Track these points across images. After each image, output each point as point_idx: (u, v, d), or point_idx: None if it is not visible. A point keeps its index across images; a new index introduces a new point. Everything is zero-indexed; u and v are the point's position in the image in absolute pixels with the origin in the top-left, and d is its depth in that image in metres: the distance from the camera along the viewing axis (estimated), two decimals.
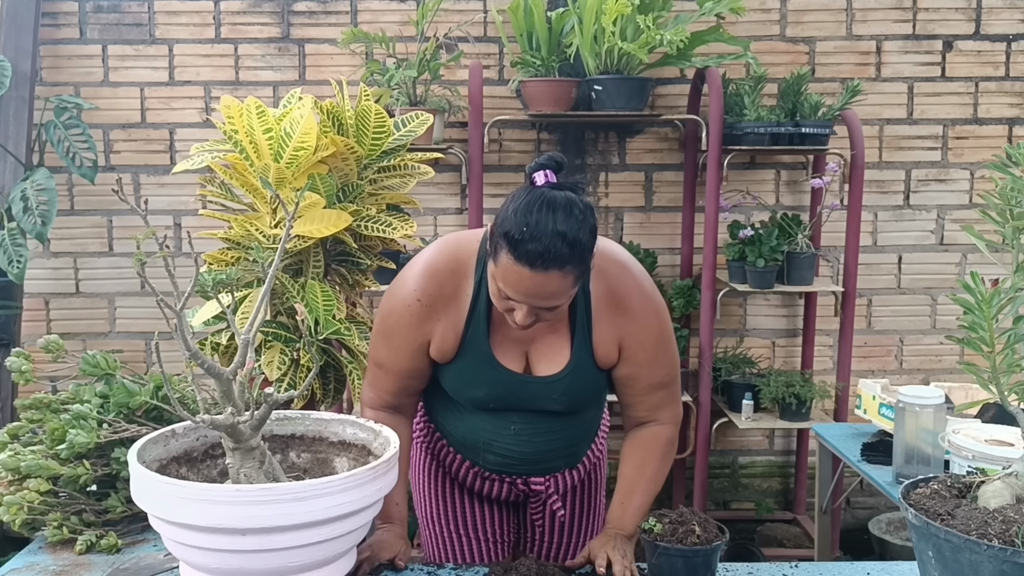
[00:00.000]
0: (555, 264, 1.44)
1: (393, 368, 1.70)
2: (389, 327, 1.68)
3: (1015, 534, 1.10)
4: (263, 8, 3.45)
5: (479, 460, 1.79)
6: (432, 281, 1.63)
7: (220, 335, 2.00)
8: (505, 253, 1.46)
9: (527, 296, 1.48)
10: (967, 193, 3.58)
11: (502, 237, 1.46)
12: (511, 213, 1.46)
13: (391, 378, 1.72)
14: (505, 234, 1.45)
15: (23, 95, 3.29)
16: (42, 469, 1.61)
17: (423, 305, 1.63)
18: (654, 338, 1.69)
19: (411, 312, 1.64)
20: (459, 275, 1.64)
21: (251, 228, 1.94)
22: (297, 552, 1.29)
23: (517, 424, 1.72)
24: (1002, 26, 3.50)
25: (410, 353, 1.68)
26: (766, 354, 3.62)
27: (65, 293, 3.56)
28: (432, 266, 1.65)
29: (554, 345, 1.67)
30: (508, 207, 1.48)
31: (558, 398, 1.69)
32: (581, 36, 3.10)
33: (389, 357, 1.69)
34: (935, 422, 2.00)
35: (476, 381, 1.68)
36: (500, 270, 1.48)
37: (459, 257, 1.65)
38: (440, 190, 3.51)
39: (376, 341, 1.71)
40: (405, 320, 1.65)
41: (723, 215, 3.27)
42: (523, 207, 1.45)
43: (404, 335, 1.66)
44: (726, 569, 1.57)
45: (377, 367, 1.72)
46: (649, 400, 1.73)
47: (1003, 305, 1.18)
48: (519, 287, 1.47)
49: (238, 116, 1.89)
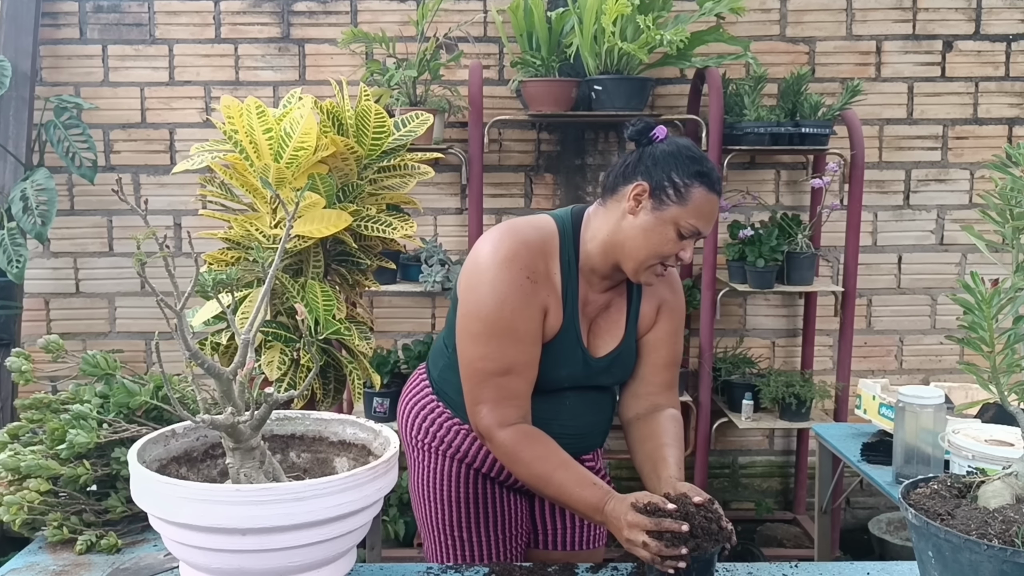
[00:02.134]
0: (722, 188, 1.68)
1: (527, 361, 1.61)
2: (507, 318, 1.58)
3: (1015, 534, 1.10)
4: (263, 8, 3.46)
5: None
6: (532, 257, 1.63)
7: (220, 335, 2.00)
8: (700, 189, 1.59)
9: (711, 221, 1.63)
10: (967, 193, 3.58)
11: (694, 176, 1.59)
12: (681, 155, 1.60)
13: (524, 378, 1.61)
14: (697, 173, 1.59)
15: (23, 95, 3.29)
16: (42, 469, 1.61)
17: (532, 282, 1.62)
18: (680, 310, 1.82)
19: (525, 293, 1.60)
20: (547, 254, 1.66)
21: (251, 228, 1.94)
22: (297, 552, 1.29)
23: (570, 399, 1.74)
24: (1002, 26, 3.50)
25: (537, 337, 1.62)
26: (766, 354, 3.62)
27: (65, 293, 3.56)
28: (527, 242, 1.64)
29: (611, 319, 1.74)
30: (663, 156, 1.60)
31: (614, 372, 1.76)
32: (581, 36, 3.10)
33: (521, 352, 1.60)
34: (935, 422, 2.00)
35: (566, 361, 1.68)
36: (694, 207, 1.59)
37: (543, 235, 1.67)
38: (440, 190, 3.51)
39: (496, 346, 1.59)
40: (522, 303, 1.59)
41: (723, 215, 3.27)
42: (689, 148, 1.63)
43: (527, 318, 1.60)
44: (726, 569, 1.58)
45: (504, 375, 1.60)
46: (662, 376, 1.79)
47: (1003, 305, 1.18)
48: (710, 214, 1.62)
49: (238, 116, 1.89)
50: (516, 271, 1.60)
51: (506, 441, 1.60)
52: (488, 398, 1.61)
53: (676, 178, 1.59)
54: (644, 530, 1.43)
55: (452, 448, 1.82)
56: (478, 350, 1.61)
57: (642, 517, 1.45)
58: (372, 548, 2.56)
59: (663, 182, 1.59)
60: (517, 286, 1.60)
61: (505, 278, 1.59)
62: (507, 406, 1.60)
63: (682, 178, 1.59)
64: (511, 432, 1.60)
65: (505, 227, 1.67)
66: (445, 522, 1.85)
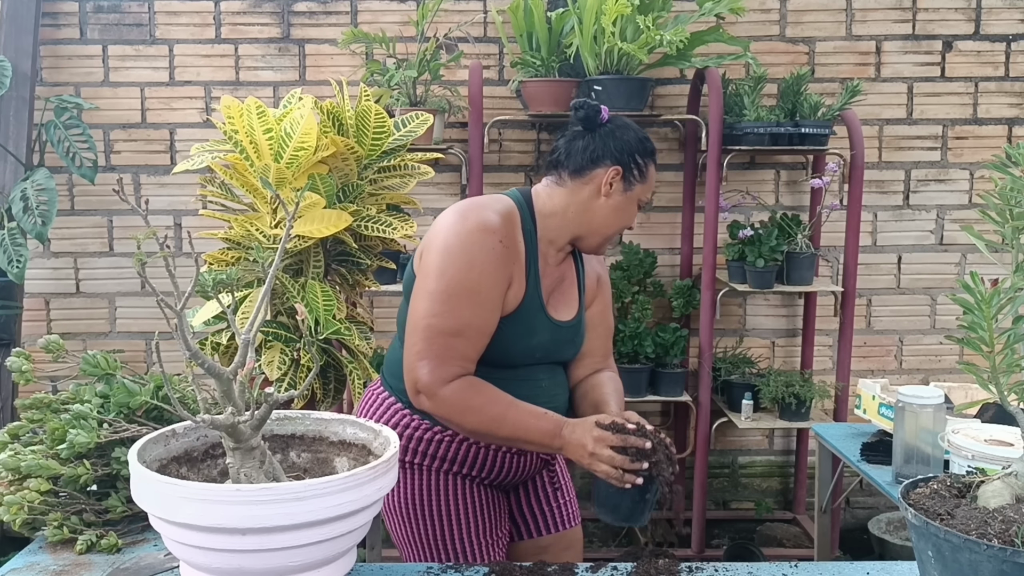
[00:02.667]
0: None
1: (481, 327, 1.64)
2: (474, 280, 1.61)
3: (1015, 534, 1.10)
4: (263, 8, 3.46)
5: None
6: (505, 224, 1.68)
7: (220, 335, 2.00)
8: (652, 165, 1.79)
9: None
10: (967, 193, 3.58)
11: (648, 155, 1.77)
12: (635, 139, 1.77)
13: (473, 341, 1.64)
14: (651, 151, 1.78)
15: (23, 95, 3.29)
16: (42, 469, 1.61)
17: (504, 247, 1.66)
18: (609, 284, 1.98)
19: (496, 256, 1.64)
20: (514, 224, 1.72)
21: (251, 228, 1.94)
22: (297, 552, 1.29)
23: (544, 379, 1.80)
24: (1002, 26, 3.50)
25: (497, 305, 1.65)
26: (766, 354, 3.62)
27: (65, 293, 3.56)
28: (498, 211, 1.69)
29: (567, 291, 1.84)
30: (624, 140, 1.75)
31: (575, 341, 1.84)
32: (581, 36, 3.10)
33: (477, 316, 1.62)
34: (935, 422, 2.00)
35: (533, 329, 1.74)
36: (649, 182, 1.79)
37: (507, 207, 1.73)
38: (440, 190, 3.51)
39: (454, 305, 1.61)
40: (492, 266, 1.63)
41: (723, 215, 3.27)
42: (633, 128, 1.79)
43: (492, 283, 1.64)
44: (727, 569, 1.58)
45: (454, 336, 1.61)
46: (604, 345, 1.94)
47: (1003, 305, 1.18)
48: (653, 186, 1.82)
49: (238, 116, 1.89)
50: (490, 235, 1.65)
51: (454, 394, 1.61)
52: (433, 355, 1.61)
53: (639, 159, 1.76)
54: (609, 445, 1.54)
55: (436, 460, 1.79)
56: (433, 307, 1.62)
57: (607, 432, 1.57)
58: (372, 548, 2.56)
59: (630, 164, 1.75)
60: (489, 249, 1.64)
61: (478, 240, 1.63)
62: (452, 364, 1.62)
63: (643, 158, 1.76)
64: (457, 384, 1.62)
65: (469, 201, 1.74)
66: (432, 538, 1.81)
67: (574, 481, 2.18)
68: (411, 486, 1.80)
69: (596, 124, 1.77)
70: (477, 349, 1.65)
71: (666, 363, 3.30)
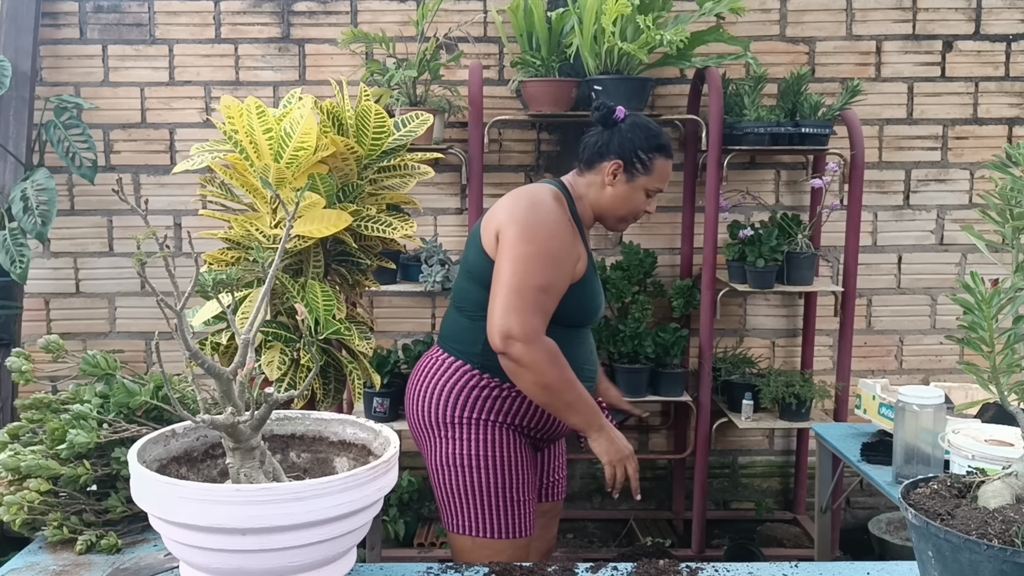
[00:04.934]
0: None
1: (560, 288, 1.91)
2: (556, 247, 1.90)
3: (1015, 534, 1.10)
4: (263, 8, 3.46)
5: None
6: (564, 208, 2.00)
7: (220, 335, 2.00)
8: (661, 159, 2.05)
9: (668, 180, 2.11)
10: (967, 193, 3.58)
11: (655, 150, 2.03)
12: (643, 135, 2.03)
13: (553, 299, 1.90)
14: (659, 147, 2.04)
15: (23, 95, 3.29)
16: (42, 469, 1.61)
17: (571, 224, 1.99)
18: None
19: (569, 231, 1.96)
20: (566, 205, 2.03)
21: (251, 228, 1.94)
22: (297, 552, 1.29)
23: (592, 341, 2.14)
24: (1002, 26, 3.50)
25: (571, 270, 1.95)
26: (766, 354, 3.62)
27: (65, 293, 3.56)
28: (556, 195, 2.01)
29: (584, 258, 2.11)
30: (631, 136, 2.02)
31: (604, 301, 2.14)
32: (581, 36, 3.10)
33: (559, 278, 1.91)
34: (935, 422, 2.00)
35: (597, 290, 2.06)
36: (657, 174, 2.05)
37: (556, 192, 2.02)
38: (440, 190, 3.51)
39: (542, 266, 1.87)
40: (569, 236, 1.95)
41: (723, 215, 3.27)
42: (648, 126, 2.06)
43: (568, 251, 1.94)
44: (727, 569, 1.57)
45: (542, 292, 1.87)
46: None
47: (1003, 305, 1.18)
48: (668, 176, 2.10)
49: (238, 116, 1.89)
50: (561, 213, 1.97)
51: (547, 347, 1.87)
52: (524, 308, 1.84)
53: (642, 154, 2.03)
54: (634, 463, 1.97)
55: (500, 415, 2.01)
56: (524, 267, 1.86)
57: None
58: (372, 548, 2.56)
59: (632, 158, 2.03)
60: (565, 224, 1.96)
61: (555, 217, 1.94)
62: (538, 317, 1.86)
63: (647, 153, 2.03)
64: (546, 342, 1.87)
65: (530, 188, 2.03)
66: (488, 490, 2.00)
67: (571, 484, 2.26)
68: (476, 440, 1.99)
69: (611, 123, 2.05)
70: (551, 310, 1.91)
71: (666, 363, 3.30)
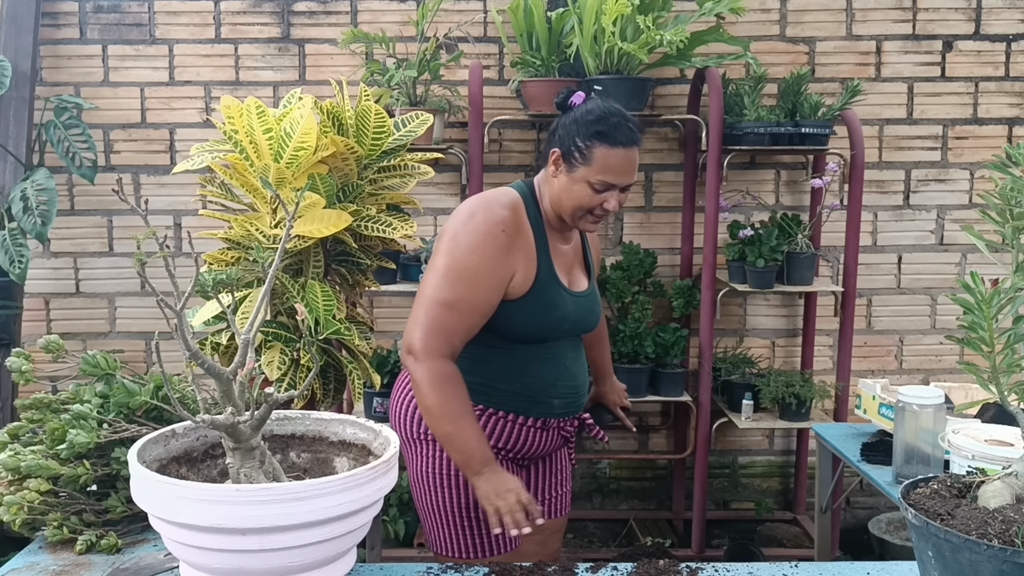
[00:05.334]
0: (635, 140, 1.84)
1: (473, 305, 1.78)
2: (474, 262, 1.77)
3: (1015, 534, 1.10)
4: (263, 8, 3.46)
5: (548, 409, 1.93)
6: (510, 214, 1.84)
7: (220, 335, 2.00)
8: (600, 147, 1.80)
9: (624, 174, 1.83)
10: (967, 193, 3.58)
11: (592, 137, 1.80)
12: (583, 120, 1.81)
13: (465, 318, 1.78)
14: (595, 133, 1.80)
15: (23, 95, 3.29)
16: (42, 469, 1.61)
17: (507, 236, 1.82)
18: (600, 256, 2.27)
19: (498, 244, 1.80)
20: (519, 212, 1.88)
21: (251, 228, 1.94)
22: (297, 552, 1.29)
23: (569, 356, 1.97)
24: (1002, 26, 3.50)
25: (495, 287, 1.79)
26: (766, 354, 3.62)
27: (65, 293, 3.56)
28: (503, 202, 1.85)
29: (580, 267, 2.02)
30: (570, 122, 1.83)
31: (594, 310, 2.02)
32: (581, 36, 3.10)
33: (470, 294, 1.77)
34: (935, 422, 2.00)
35: (555, 304, 1.89)
36: (598, 164, 1.80)
37: (512, 198, 1.88)
38: (440, 190, 3.51)
39: (451, 281, 1.76)
40: (492, 251, 1.79)
41: (723, 215, 3.27)
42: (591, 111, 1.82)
43: (491, 268, 1.78)
44: (727, 569, 1.58)
45: (447, 308, 1.76)
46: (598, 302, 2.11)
47: (1003, 305, 1.18)
48: (618, 168, 1.82)
49: (238, 116, 1.89)
50: (492, 224, 1.81)
51: (432, 369, 1.74)
52: (427, 324, 1.75)
53: (579, 142, 1.82)
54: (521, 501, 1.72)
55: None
56: (436, 280, 1.78)
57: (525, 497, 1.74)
58: (372, 548, 2.56)
59: (570, 147, 1.83)
60: (492, 237, 1.79)
61: (482, 229, 1.79)
62: (440, 337, 1.76)
63: (583, 140, 1.81)
64: (442, 363, 1.75)
65: (478, 196, 1.90)
66: (453, 509, 1.90)
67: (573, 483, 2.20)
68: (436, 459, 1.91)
69: (566, 108, 1.89)
70: (467, 325, 1.79)
71: (666, 363, 3.30)
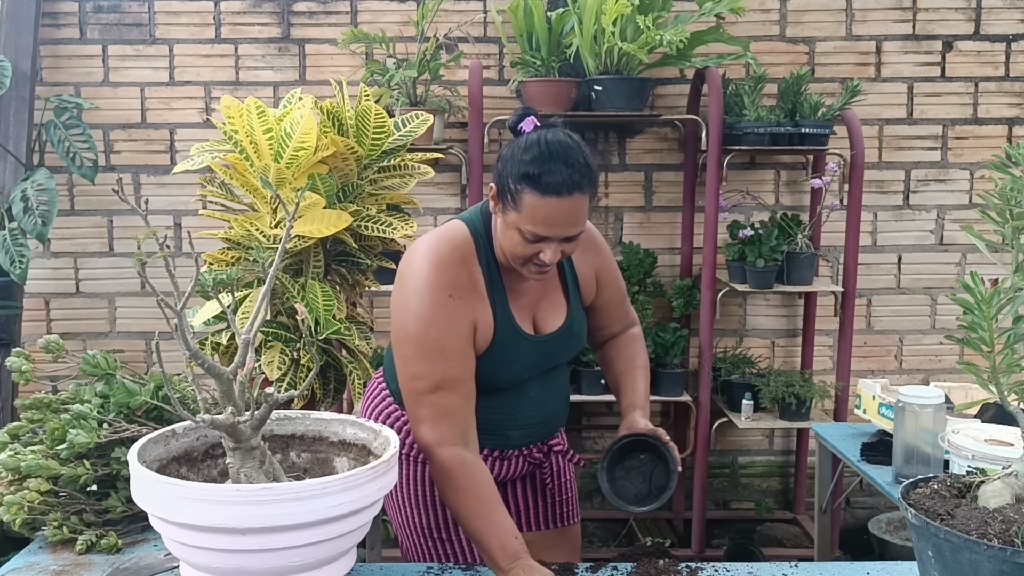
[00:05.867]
0: (576, 187, 1.52)
1: (457, 375, 1.60)
2: (433, 339, 1.58)
3: (1015, 534, 1.10)
4: (263, 8, 3.46)
5: (505, 441, 1.80)
6: (452, 272, 1.62)
7: (220, 335, 2.00)
8: (530, 193, 1.51)
9: (559, 227, 1.53)
10: (967, 193, 3.58)
11: (521, 180, 1.51)
12: (517, 157, 1.53)
13: (458, 393, 1.60)
14: (524, 175, 1.51)
15: (23, 95, 3.29)
16: (42, 469, 1.61)
17: (454, 299, 1.61)
18: (612, 262, 1.88)
19: (448, 310, 1.59)
20: (467, 261, 1.65)
21: (251, 228, 1.94)
22: (297, 552, 1.29)
23: (534, 390, 1.77)
24: (1002, 26, 3.50)
25: (466, 351, 1.61)
26: (766, 354, 3.62)
27: (65, 293, 3.56)
28: (441, 260, 1.62)
29: (553, 300, 1.78)
30: (512, 155, 1.55)
31: (570, 345, 1.80)
32: (581, 36, 3.10)
33: (449, 367, 1.59)
34: (935, 422, 2.00)
35: (512, 356, 1.69)
36: (527, 213, 1.52)
37: (457, 244, 1.65)
38: (440, 190, 3.51)
39: (424, 365, 1.58)
40: (446, 320, 1.59)
41: (723, 215, 3.27)
42: (530, 148, 1.53)
43: (453, 335, 1.59)
44: (727, 569, 1.58)
45: (435, 391, 1.58)
46: (619, 313, 1.93)
47: (1003, 305, 1.18)
48: (550, 220, 1.52)
49: (238, 116, 1.89)
50: (438, 292, 1.59)
51: (445, 463, 1.57)
52: (426, 417, 1.59)
53: (511, 182, 1.54)
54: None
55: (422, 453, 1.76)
56: (410, 370, 1.61)
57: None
58: (372, 548, 2.56)
59: (503, 185, 1.56)
60: (440, 305, 1.59)
61: (427, 300, 1.59)
62: (444, 424, 1.58)
63: (514, 182, 1.53)
64: (450, 454, 1.57)
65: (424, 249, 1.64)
66: (423, 526, 1.84)
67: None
68: (403, 477, 1.82)
69: (516, 133, 1.63)
70: (464, 395, 1.61)
71: (666, 363, 3.30)
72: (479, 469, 1.59)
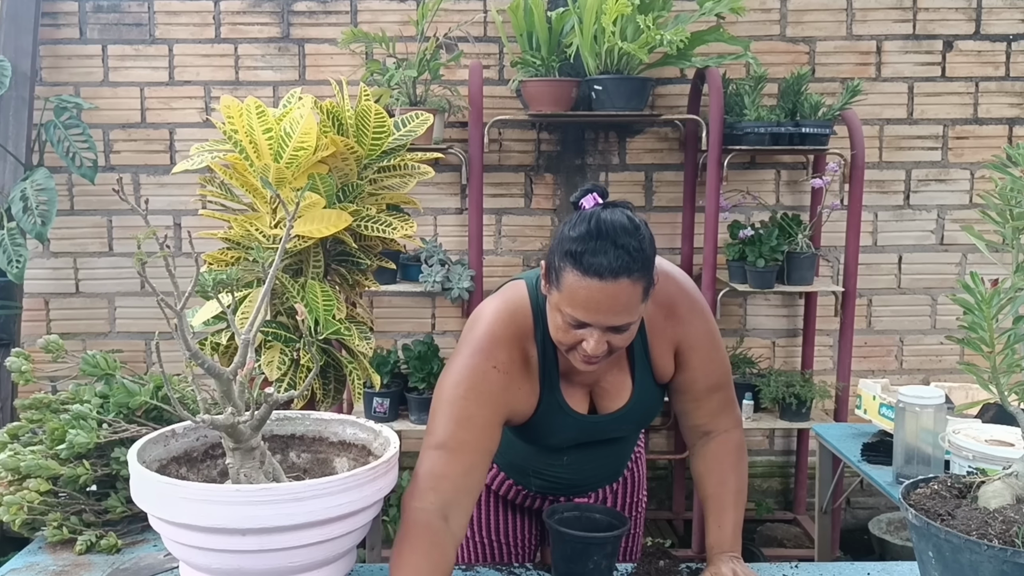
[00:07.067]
0: (623, 271, 1.40)
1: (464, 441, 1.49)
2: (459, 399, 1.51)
3: (1015, 534, 1.10)
4: (263, 8, 3.45)
5: (526, 483, 1.81)
6: (501, 348, 1.54)
7: (220, 335, 2.00)
8: (571, 272, 1.41)
9: (599, 313, 1.42)
10: (967, 193, 3.58)
11: (565, 257, 1.42)
12: (568, 234, 1.43)
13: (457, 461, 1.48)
14: (568, 252, 1.41)
15: (23, 95, 3.29)
16: (42, 469, 1.61)
17: (498, 372, 1.53)
18: (705, 338, 1.64)
19: (487, 380, 1.52)
20: (523, 339, 1.58)
21: (251, 228, 1.94)
22: (297, 552, 1.29)
23: (570, 455, 1.71)
24: (1002, 26, 3.50)
25: (488, 425, 1.52)
26: (766, 354, 3.62)
27: (65, 293, 3.56)
28: (496, 337, 1.55)
29: (616, 380, 1.64)
30: (563, 231, 1.45)
31: (625, 426, 1.69)
32: (581, 36, 3.10)
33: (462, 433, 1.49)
34: (935, 422, 2.00)
35: (551, 431, 1.63)
36: (567, 293, 1.42)
37: (517, 320, 1.58)
38: (440, 190, 3.51)
39: (441, 421, 1.50)
40: (480, 390, 1.51)
41: (723, 215, 3.27)
42: (580, 225, 1.43)
43: (480, 406, 1.51)
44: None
45: (437, 448, 1.48)
46: (707, 405, 1.68)
47: (1003, 305, 1.18)
48: (590, 304, 1.41)
49: (238, 116, 1.89)
50: (483, 359, 1.53)
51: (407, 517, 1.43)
52: (418, 470, 1.48)
53: (557, 260, 1.44)
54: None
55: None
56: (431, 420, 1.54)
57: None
58: (372, 548, 2.56)
59: (552, 262, 1.46)
60: (480, 372, 1.52)
61: (470, 363, 1.53)
62: (427, 485, 1.45)
63: (559, 259, 1.43)
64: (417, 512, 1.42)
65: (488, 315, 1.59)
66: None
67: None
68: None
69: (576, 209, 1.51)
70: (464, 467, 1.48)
71: None
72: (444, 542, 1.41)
